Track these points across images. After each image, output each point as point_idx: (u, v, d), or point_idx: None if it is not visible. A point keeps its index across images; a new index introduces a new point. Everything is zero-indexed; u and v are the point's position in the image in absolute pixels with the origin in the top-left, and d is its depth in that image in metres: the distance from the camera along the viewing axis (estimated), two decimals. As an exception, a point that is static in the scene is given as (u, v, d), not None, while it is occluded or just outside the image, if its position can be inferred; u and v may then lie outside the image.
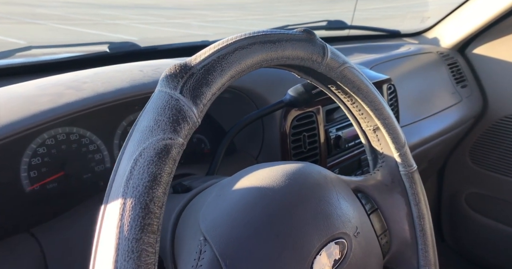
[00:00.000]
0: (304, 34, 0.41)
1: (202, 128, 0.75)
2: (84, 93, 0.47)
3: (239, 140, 0.77)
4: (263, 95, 0.70)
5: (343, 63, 0.45)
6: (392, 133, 0.50)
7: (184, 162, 0.68)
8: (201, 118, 0.32)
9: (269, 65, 0.39)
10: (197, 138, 0.74)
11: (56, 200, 0.52)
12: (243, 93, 0.68)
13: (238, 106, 0.72)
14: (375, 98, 0.49)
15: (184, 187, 0.48)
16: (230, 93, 0.68)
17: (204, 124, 0.75)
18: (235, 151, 0.76)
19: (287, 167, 0.44)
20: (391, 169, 0.53)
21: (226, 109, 0.74)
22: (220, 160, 0.60)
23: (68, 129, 0.54)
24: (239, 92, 0.68)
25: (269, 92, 0.71)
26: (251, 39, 0.36)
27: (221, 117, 0.75)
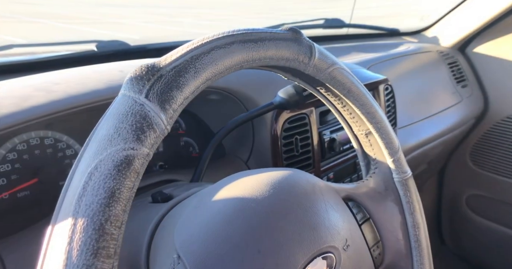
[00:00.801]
0: (289, 33, 0.38)
1: (190, 131, 0.72)
2: (54, 95, 0.44)
3: (229, 144, 0.74)
4: (253, 97, 0.67)
5: (332, 64, 0.42)
6: (385, 138, 0.47)
7: (169, 167, 0.65)
8: (171, 124, 0.29)
9: (251, 66, 0.36)
10: (185, 141, 0.71)
11: (28, 209, 0.49)
12: (232, 95, 0.65)
13: (227, 108, 0.69)
14: (366, 101, 0.46)
15: (164, 196, 0.45)
16: (218, 94, 0.65)
17: (192, 127, 0.72)
18: (224, 155, 0.73)
19: (273, 175, 0.41)
20: (385, 175, 0.50)
21: (215, 111, 0.71)
22: (206, 165, 0.57)
23: (42, 133, 0.51)
24: (228, 94, 0.65)
25: (259, 93, 0.68)
26: (229, 38, 0.33)
27: (210, 119, 0.72)
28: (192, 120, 0.72)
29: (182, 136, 0.71)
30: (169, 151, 0.67)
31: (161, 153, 0.66)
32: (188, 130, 0.71)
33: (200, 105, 0.70)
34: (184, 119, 0.71)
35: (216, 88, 0.62)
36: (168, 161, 0.66)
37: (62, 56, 0.78)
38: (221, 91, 0.63)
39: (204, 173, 0.57)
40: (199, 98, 0.67)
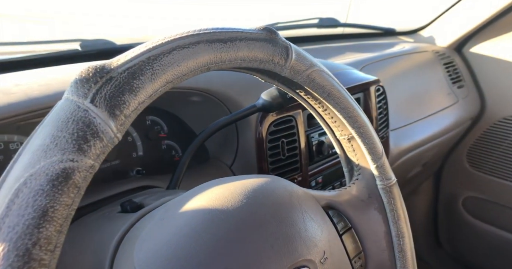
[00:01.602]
0: (263, 33, 0.36)
1: (173, 133, 0.69)
2: (13, 97, 0.41)
3: (213, 147, 0.71)
4: (236, 99, 0.65)
5: (310, 66, 0.39)
6: (368, 143, 0.45)
7: (149, 173, 0.62)
8: (123, 132, 0.26)
9: (220, 68, 0.34)
10: (167, 145, 0.69)
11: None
12: (214, 96, 0.63)
13: (210, 110, 0.67)
14: (348, 105, 0.44)
15: (133, 205, 0.43)
16: (199, 96, 0.63)
17: (174, 130, 0.70)
18: (208, 159, 0.70)
19: (248, 183, 0.39)
20: (368, 182, 0.48)
21: (197, 113, 0.69)
22: (184, 171, 0.55)
23: (7, 137, 0.48)
24: (209, 95, 0.62)
25: (242, 95, 0.65)
26: (194, 38, 0.31)
27: (193, 121, 0.70)
28: (174, 122, 0.69)
29: (163, 139, 0.68)
30: (149, 155, 0.65)
31: (141, 157, 0.64)
32: (170, 133, 0.69)
33: (182, 106, 0.67)
34: (166, 122, 0.68)
35: (196, 89, 0.59)
36: (147, 166, 0.64)
37: (42, 56, 0.76)
38: (202, 92, 0.61)
39: (182, 179, 0.55)
40: (180, 99, 0.65)
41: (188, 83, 0.58)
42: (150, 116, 0.66)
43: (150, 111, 0.65)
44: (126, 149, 0.61)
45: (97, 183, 0.56)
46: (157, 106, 0.66)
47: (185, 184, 0.61)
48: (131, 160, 0.62)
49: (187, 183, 0.60)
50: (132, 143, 0.62)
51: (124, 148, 0.61)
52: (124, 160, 0.61)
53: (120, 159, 0.60)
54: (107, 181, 0.55)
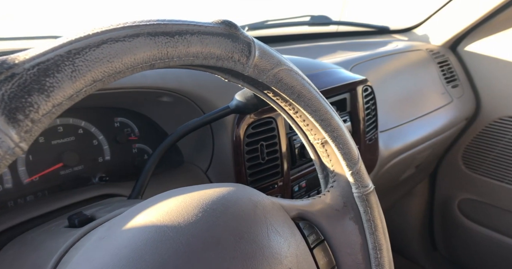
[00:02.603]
0: (221, 27, 0.32)
1: (144, 136, 0.65)
2: None
3: (187, 151, 0.67)
4: (210, 99, 0.61)
5: (277, 65, 0.35)
6: (342, 148, 0.41)
7: (113, 179, 0.58)
8: (30, 140, 0.22)
9: (167, 65, 0.30)
10: (138, 148, 0.65)
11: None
12: (185, 97, 0.59)
13: (183, 111, 0.63)
14: (320, 107, 0.40)
15: (83, 218, 0.39)
16: (169, 96, 0.58)
17: (146, 132, 0.65)
18: (182, 164, 0.66)
19: (206, 194, 0.35)
20: (343, 190, 0.44)
21: (169, 114, 0.65)
22: (149, 178, 0.51)
23: None
24: (180, 96, 0.58)
25: (217, 95, 0.61)
26: (132, 30, 0.26)
27: (166, 123, 0.66)
28: (146, 124, 0.65)
29: (134, 142, 0.64)
30: (117, 160, 0.61)
31: (108, 162, 0.60)
32: (141, 135, 0.65)
33: (153, 107, 0.63)
34: (137, 124, 0.64)
35: (165, 89, 0.55)
36: (115, 172, 0.60)
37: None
38: (172, 92, 0.57)
39: (146, 187, 0.51)
40: (148, 100, 0.61)
41: (155, 82, 0.54)
42: (119, 118, 0.62)
43: (119, 112, 0.61)
44: (90, 154, 0.57)
45: (52, 191, 0.52)
46: (126, 107, 0.62)
47: (153, 192, 0.57)
48: (97, 165, 0.58)
49: (155, 191, 0.56)
50: (97, 147, 0.58)
51: (88, 153, 0.57)
52: (88, 166, 0.57)
53: (84, 164, 0.56)
54: (66, 189, 0.51)
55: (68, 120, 0.54)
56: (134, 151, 0.64)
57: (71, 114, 0.55)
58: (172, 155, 0.67)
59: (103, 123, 0.59)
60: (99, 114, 0.59)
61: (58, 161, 0.52)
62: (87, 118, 0.57)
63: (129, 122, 0.63)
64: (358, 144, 0.85)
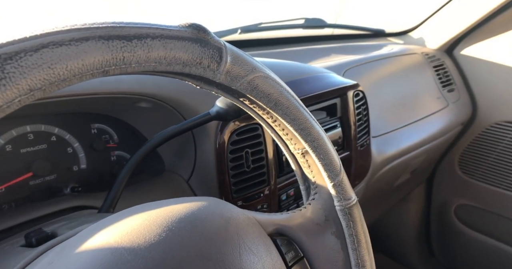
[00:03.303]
0: (188, 31, 0.29)
1: (124, 143, 0.63)
2: None
3: (169, 158, 0.65)
4: (191, 105, 0.58)
5: (251, 71, 0.33)
6: (323, 158, 0.39)
7: (87, 190, 0.55)
8: None
9: (125, 72, 0.27)
10: (118, 155, 0.62)
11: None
12: (165, 103, 0.56)
13: (165, 118, 0.60)
14: (299, 115, 0.37)
15: (41, 236, 0.36)
16: (148, 102, 0.56)
17: (126, 138, 0.63)
18: (164, 172, 0.64)
19: (174, 210, 0.32)
20: (325, 203, 0.42)
21: (151, 121, 0.62)
22: (122, 189, 0.48)
23: None
24: (160, 101, 0.56)
25: (199, 101, 0.59)
26: (79, 33, 0.24)
27: (147, 130, 0.63)
28: (126, 130, 0.63)
29: (113, 149, 0.61)
30: (94, 168, 0.58)
31: (83, 171, 0.57)
32: (121, 142, 0.62)
33: (132, 113, 0.61)
34: (116, 130, 0.61)
35: (143, 94, 0.53)
36: (91, 182, 0.57)
37: None
38: (150, 98, 0.54)
39: (119, 199, 0.48)
40: (126, 105, 0.58)
41: (131, 87, 0.51)
42: (96, 124, 0.59)
43: (96, 118, 0.59)
44: (64, 162, 0.55)
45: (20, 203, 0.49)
46: (105, 113, 0.60)
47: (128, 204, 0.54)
48: (71, 174, 0.55)
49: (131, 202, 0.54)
50: (72, 155, 0.56)
51: (62, 161, 0.54)
52: (61, 175, 0.54)
53: (57, 174, 0.53)
54: (36, 200, 0.49)
55: (39, 127, 0.52)
56: (112, 158, 0.62)
57: (43, 121, 0.52)
58: (153, 163, 0.65)
59: (78, 130, 0.56)
60: (74, 120, 0.56)
61: (27, 171, 0.50)
62: (61, 124, 0.54)
63: (107, 128, 0.61)
64: (349, 150, 0.83)
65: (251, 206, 0.66)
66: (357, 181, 0.90)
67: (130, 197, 0.55)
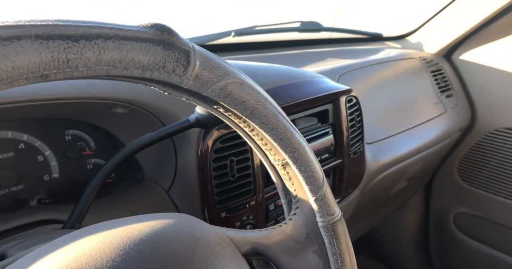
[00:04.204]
0: (150, 31, 0.26)
1: (102, 150, 0.59)
2: None
3: (148, 166, 0.61)
4: (171, 112, 0.55)
5: (224, 76, 0.30)
6: (304, 170, 0.36)
7: (57, 201, 0.52)
8: None
9: (70, 76, 0.24)
10: (95, 163, 0.59)
11: None
12: (142, 108, 0.53)
13: (144, 125, 0.57)
14: (278, 124, 0.34)
15: None
16: (124, 107, 0.53)
17: (104, 146, 0.60)
18: (143, 181, 0.60)
19: (135, 231, 0.29)
20: (307, 218, 0.39)
21: (130, 127, 0.59)
22: (90, 203, 0.45)
23: None
24: (136, 107, 0.52)
25: (178, 107, 0.56)
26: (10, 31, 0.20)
27: (126, 136, 0.60)
28: (104, 137, 0.59)
29: (89, 157, 0.58)
30: (68, 177, 0.55)
31: (55, 181, 0.53)
32: (98, 149, 0.59)
33: (109, 118, 0.57)
34: (93, 136, 0.58)
35: (117, 99, 0.50)
36: (64, 192, 0.54)
37: None
38: (126, 103, 0.51)
39: (86, 212, 0.44)
40: (101, 111, 0.55)
41: (104, 91, 0.48)
42: (71, 130, 0.56)
43: (71, 124, 0.56)
44: (34, 171, 0.51)
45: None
46: (80, 119, 0.56)
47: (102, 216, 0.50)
48: (41, 184, 0.52)
49: (105, 215, 0.50)
50: (43, 164, 0.52)
51: (31, 170, 0.51)
52: (30, 185, 0.50)
53: (25, 184, 0.50)
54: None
55: (6, 133, 0.48)
56: (89, 167, 0.58)
57: (10, 127, 0.49)
58: (132, 172, 0.61)
59: (51, 137, 0.53)
60: (46, 126, 0.53)
61: (-11, 181, 0.46)
62: (31, 131, 0.51)
63: (83, 135, 0.57)
64: (342, 158, 0.79)
65: (235, 217, 0.63)
66: (350, 189, 0.87)
67: (104, 209, 0.51)
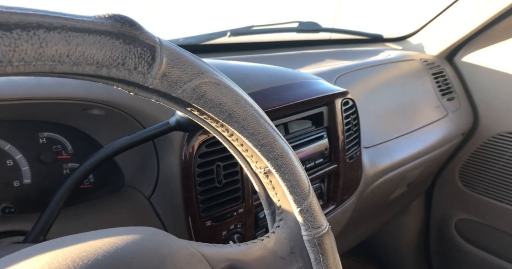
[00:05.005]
0: (106, 23, 0.23)
1: (80, 154, 0.56)
2: None
3: (129, 171, 0.58)
4: (151, 113, 0.52)
5: (197, 75, 0.27)
6: (289, 179, 0.33)
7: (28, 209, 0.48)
8: None
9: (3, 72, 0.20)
10: (71, 168, 0.55)
11: None
12: (120, 110, 0.50)
13: (124, 127, 0.54)
14: (259, 129, 0.31)
15: None
16: (100, 109, 0.49)
17: (82, 149, 0.56)
18: (123, 187, 0.57)
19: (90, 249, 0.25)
20: (291, 231, 0.35)
21: (109, 130, 0.55)
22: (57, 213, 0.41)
23: None
24: (113, 108, 0.49)
25: (159, 108, 0.52)
26: None
27: (105, 139, 0.57)
28: (82, 140, 0.56)
29: (66, 162, 0.55)
30: (41, 183, 0.51)
31: (27, 187, 0.50)
32: (76, 153, 0.55)
33: (87, 120, 0.54)
34: (70, 139, 0.55)
35: (91, 100, 0.46)
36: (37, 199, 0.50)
37: None
38: (101, 104, 0.48)
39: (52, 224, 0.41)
40: (75, 112, 0.52)
41: (75, 91, 0.44)
42: (46, 133, 0.52)
43: (46, 126, 0.52)
44: (2, 177, 0.48)
45: None
46: (56, 121, 0.53)
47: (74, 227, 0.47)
48: (10, 191, 0.48)
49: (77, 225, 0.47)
50: (13, 168, 0.49)
51: (-1, 175, 0.48)
52: (-3, 191, 0.47)
53: (-8, 190, 0.47)
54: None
55: (-29, 136, 0.45)
56: (65, 172, 0.55)
57: (-24, 129, 0.46)
58: (112, 177, 0.58)
59: (22, 139, 0.50)
60: (17, 128, 0.49)
61: (-49, 187, 0.43)
62: (0, 133, 0.48)
63: (59, 137, 0.54)
64: (337, 163, 0.76)
65: (222, 226, 0.59)
66: (346, 195, 0.83)
67: (78, 218, 0.48)
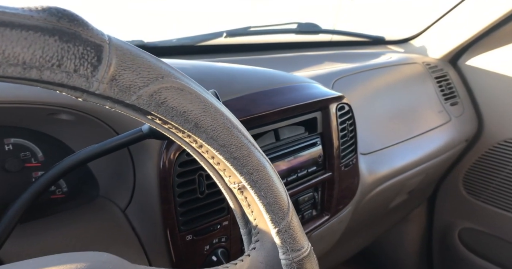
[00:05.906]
0: (38, 16, 0.19)
1: (52, 162, 0.52)
2: None
3: (104, 181, 0.54)
4: (124, 119, 0.47)
5: (156, 79, 0.23)
6: (265, 196, 0.29)
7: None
8: None
9: None
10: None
11: None
12: (90, 115, 0.46)
13: (97, 133, 0.50)
14: (231, 140, 0.27)
15: None
16: (69, 114, 0.45)
17: (54, 156, 0.52)
18: (97, 197, 0.53)
19: None
20: (268, 254, 0.32)
21: (82, 136, 0.51)
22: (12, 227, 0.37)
23: None
24: (83, 113, 0.45)
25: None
26: None
27: (79, 146, 0.53)
28: (54, 146, 0.52)
29: (35, 170, 0.51)
30: (5, 194, 0.47)
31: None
32: (47, 161, 0.52)
33: (58, 126, 0.50)
34: (41, 146, 0.51)
35: (57, 104, 0.42)
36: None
37: None
38: (69, 109, 0.44)
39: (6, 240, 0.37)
40: (41, 117, 0.48)
41: (37, 95, 0.41)
42: (12, 139, 0.48)
43: (12, 132, 0.48)
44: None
45: None
46: (24, 126, 0.49)
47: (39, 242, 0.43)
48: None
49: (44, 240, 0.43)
50: (-27, 178, 0.45)
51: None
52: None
53: None
54: None
55: None
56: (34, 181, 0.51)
57: None
58: (86, 187, 0.54)
59: (-15, 147, 0.46)
60: (-21, 134, 0.46)
61: None
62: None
63: (28, 144, 0.50)
64: (331, 171, 0.71)
65: (204, 240, 0.55)
66: (341, 205, 0.78)
67: (45, 232, 0.44)
